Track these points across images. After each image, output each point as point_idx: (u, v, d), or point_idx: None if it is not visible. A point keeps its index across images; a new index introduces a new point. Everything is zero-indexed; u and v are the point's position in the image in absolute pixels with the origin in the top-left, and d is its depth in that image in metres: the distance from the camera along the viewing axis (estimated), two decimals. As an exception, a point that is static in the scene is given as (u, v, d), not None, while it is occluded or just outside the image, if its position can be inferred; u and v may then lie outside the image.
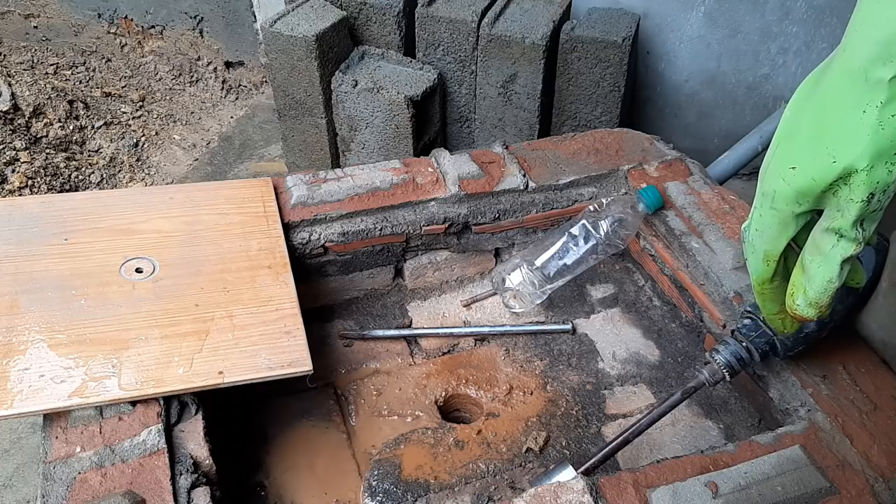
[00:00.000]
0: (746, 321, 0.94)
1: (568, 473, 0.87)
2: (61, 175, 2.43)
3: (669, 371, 1.16)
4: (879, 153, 0.52)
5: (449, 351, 1.19)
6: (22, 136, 2.46)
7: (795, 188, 0.57)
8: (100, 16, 2.99)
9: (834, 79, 0.54)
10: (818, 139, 0.54)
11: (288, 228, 1.14)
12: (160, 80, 2.97)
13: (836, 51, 0.55)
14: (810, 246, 0.60)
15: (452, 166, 1.25)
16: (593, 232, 1.20)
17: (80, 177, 2.47)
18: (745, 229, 0.67)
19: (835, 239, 0.56)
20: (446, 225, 1.23)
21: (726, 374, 0.92)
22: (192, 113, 2.87)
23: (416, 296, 1.29)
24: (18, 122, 2.50)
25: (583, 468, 0.87)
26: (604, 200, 1.23)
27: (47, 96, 2.64)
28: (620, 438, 0.90)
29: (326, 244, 1.18)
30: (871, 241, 0.60)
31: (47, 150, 2.48)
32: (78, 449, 0.82)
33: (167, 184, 2.51)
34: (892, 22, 0.48)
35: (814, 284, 0.59)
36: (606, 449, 0.89)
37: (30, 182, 2.32)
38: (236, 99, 2.96)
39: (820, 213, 0.59)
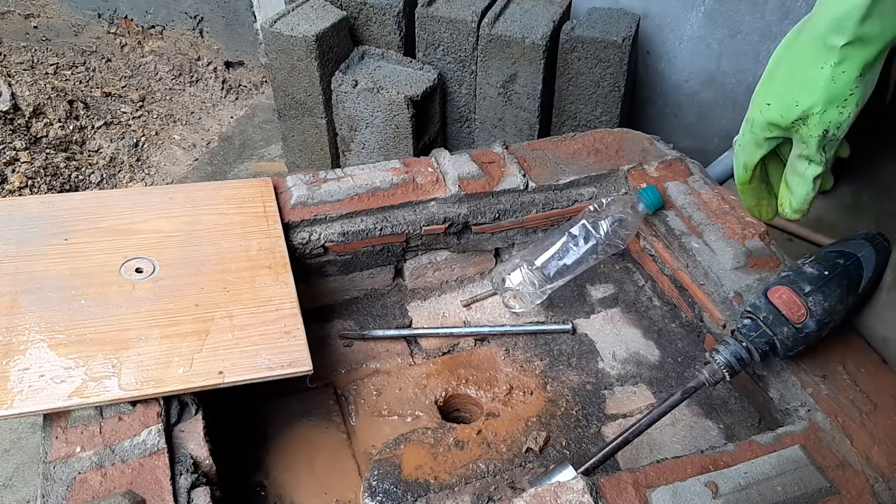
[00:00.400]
0: (746, 321, 0.94)
1: (568, 473, 0.87)
2: (61, 175, 2.43)
3: (669, 371, 1.16)
4: (831, 100, 0.70)
5: (449, 351, 1.19)
6: (22, 136, 2.46)
7: (767, 119, 0.76)
8: (100, 16, 2.99)
9: (803, 40, 0.72)
10: (788, 85, 0.73)
11: (288, 228, 1.14)
12: (160, 80, 2.97)
13: (808, 15, 0.72)
14: (790, 169, 0.78)
15: (452, 166, 1.25)
16: (593, 232, 1.20)
17: (80, 177, 2.47)
18: (734, 142, 0.85)
19: (806, 163, 0.75)
20: (446, 225, 1.23)
21: (726, 374, 0.92)
22: (192, 113, 2.87)
23: (416, 296, 1.29)
24: (18, 122, 2.50)
25: (583, 468, 0.87)
26: (604, 200, 1.23)
27: (47, 96, 2.64)
28: (620, 438, 0.90)
29: (326, 244, 1.18)
30: (825, 183, 0.77)
31: (47, 150, 2.48)
32: (78, 449, 0.82)
33: (167, 184, 2.51)
34: (845, 4, 0.66)
35: (796, 197, 0.78)
36: (606, 449, 0.89)
37: (30, 182, 2.32)
38: (236, 99, 2.96)
39: (789, 140, 0.77)
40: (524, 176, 1.27)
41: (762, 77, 0.78)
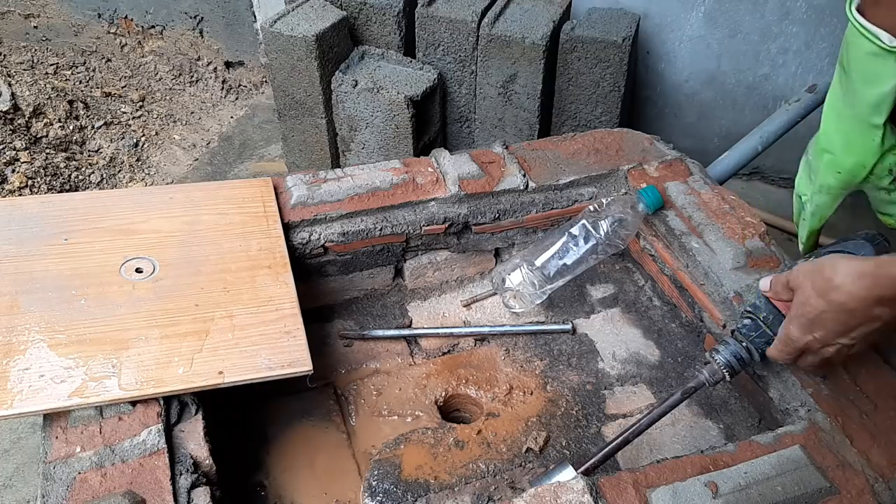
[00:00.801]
0: (746, 321, 0.94)
1: (568, 473, 0.87)
2: (61, 175, 2.43)
3: (669, 371, 1.16)
4: (884, 153, 0.93)
5: (449, 351, 1.19)
6: (22, 136, 2.46)
7: (841, 182, 0.97)
8: (100, 16, 2.99)
9: (849, 123, 0.93)
10: (850, 155, 0.94)
11: (288, 228, 1.14)
12: (160, 80, 2.97)
13: (842, 88, 0.93)
14: (880, 204, 1.01)
15: (452, 166, 1.25)
16: (593, 232, 1.20)
17: (80, 177, 2.47)
18: (803, 200, 1.05)
19: (885, 193, 0.97)
20: (446, 225, 1.23)
21: (726, 374, 0.92)
22: (192, 113, 2.87)
23: (416, 296, 1.29)
24: (18, 122, 2.50)
25: (583, 468, 0.87)
26: (604, 200, 1.23)
27: (47, 96, 2.64)
28: (620, 438, 0.90)
29: (326, 244, 1.18)
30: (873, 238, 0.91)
31: (47, 150, 2.48)
32: (78, 449, 0.82)
33: (167, 184, 2.51)
34: (880, 89, 0.86)
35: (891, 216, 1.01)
36: (606, 449, 0.89)
37: (30, 182, 2.32)
38: (236, 99, 2.96)
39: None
40: (524, 176, 1.27)
41: (817, 153, 0.99)
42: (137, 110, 2.82)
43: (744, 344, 0.92)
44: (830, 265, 0.77)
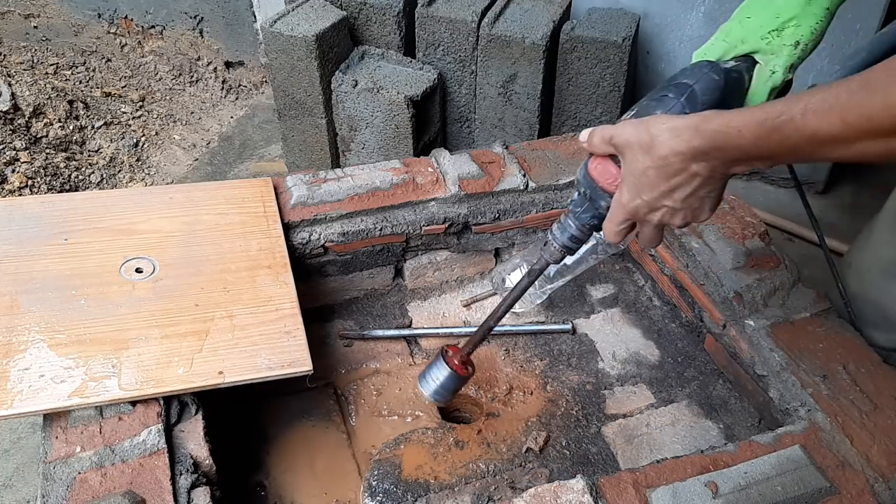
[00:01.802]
0: (575, 196, 0.89)
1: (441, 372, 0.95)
2: (61, 175, 2.43)
3: (669, 371, 1.16)
4: (805, 17, 0.83)
5: (449, 351, 1.19)
6: (22, 136, 2.46)
7: (746, 29, 0.85)
8: (100, 16, 2.99)
9: None
10: (770, 4, 0.85)
11: (288, 228, 1.14)
12: (160, 80, 2.97)
13: None
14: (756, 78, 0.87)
15: (452, 166, 1.25)
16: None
17: (80, 177, 2.47)
18: (695, 54, 0.91)
19: (769, 73, 0.84)
20: (446, 225, 1.23)
21: (564, 252, 0.89)
22: (192, 113, 2.87)
23: (416, 296, 1.29)
24: (18, 122, 2.50)
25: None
26: (604, 200, 1.22)
27: (47, 96, 2.64)
28: (484, 327, 0.95)
29: (326, 244, 1.18)
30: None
31: (47, 150, 2.48)
32: (78, 449, 0.82)
33: (167, 184, 2.51)
34: None
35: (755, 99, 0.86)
36: (477, 334, 0.96)
37: (30, 182, 2.32)
38: (236, 99, 2.96)
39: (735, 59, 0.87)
40: (524, 176, 1.27)
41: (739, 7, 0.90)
42: (137, 110, 2.82)
43: (573, 221, 0.87)
44: (654, 120, 0.73)
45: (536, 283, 1.21)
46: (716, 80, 0.81)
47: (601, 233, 0.87)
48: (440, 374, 0.96)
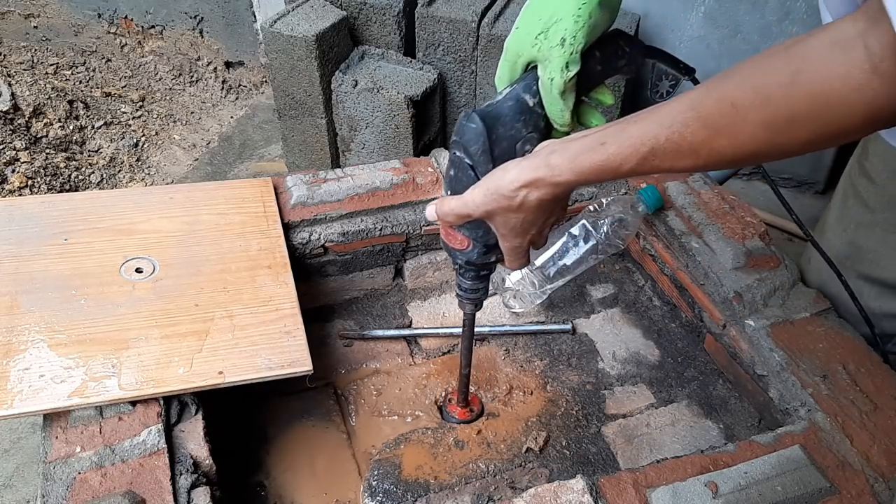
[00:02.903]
0: (465, 279, 0.94)
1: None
2: (61, 175, 2.43)
3: (669, 371, 1.16)
4: (566, 11, 0.77)
5: (449, 351, 1.19)
6: (22, 136, 2.46)
7: (518, 40, 0.82)
8: (100, 16, 2.99)
9: None
10: (535, 12, 0.80)
11: (288, 228, 1.14)
12: (160, 80, 2.97)
13: None
14: (542, 91, 0.82)
15: (452, 166, 1.25)
16: (593, 232, 1.20)
17: (80, 177, 2.47)
18: (497, 79, 0.88)
19: (549, 81, 0.79)
20: (446, 225, 1.23)
21: (473, 304, 0.95)
22: (192, 113, 2.87)
23: (416, 296, 1.29)
24: (18, 122, 2.50)
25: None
26: (604, 200, 1.23)
27: (47, 96, 2.64)
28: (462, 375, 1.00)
29: (326, 244, 1.18)
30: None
31: (47, 150, 2.48)
32: (78, 449, 0.82)
33: (167, 184, 2.51)
34: None
35: (552, 114, 0.83)
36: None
37: (30, 182, 2.32)
38: (236, 99, 2.96)
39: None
40: (524, 176, 1.27)
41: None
42: (137, 110, 2.82)
43: (459, 280, 0.91)
44: (501, 181, 0.74)
45: (536, 282, 1.21)
46: (473, 127, 0.81)
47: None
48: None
